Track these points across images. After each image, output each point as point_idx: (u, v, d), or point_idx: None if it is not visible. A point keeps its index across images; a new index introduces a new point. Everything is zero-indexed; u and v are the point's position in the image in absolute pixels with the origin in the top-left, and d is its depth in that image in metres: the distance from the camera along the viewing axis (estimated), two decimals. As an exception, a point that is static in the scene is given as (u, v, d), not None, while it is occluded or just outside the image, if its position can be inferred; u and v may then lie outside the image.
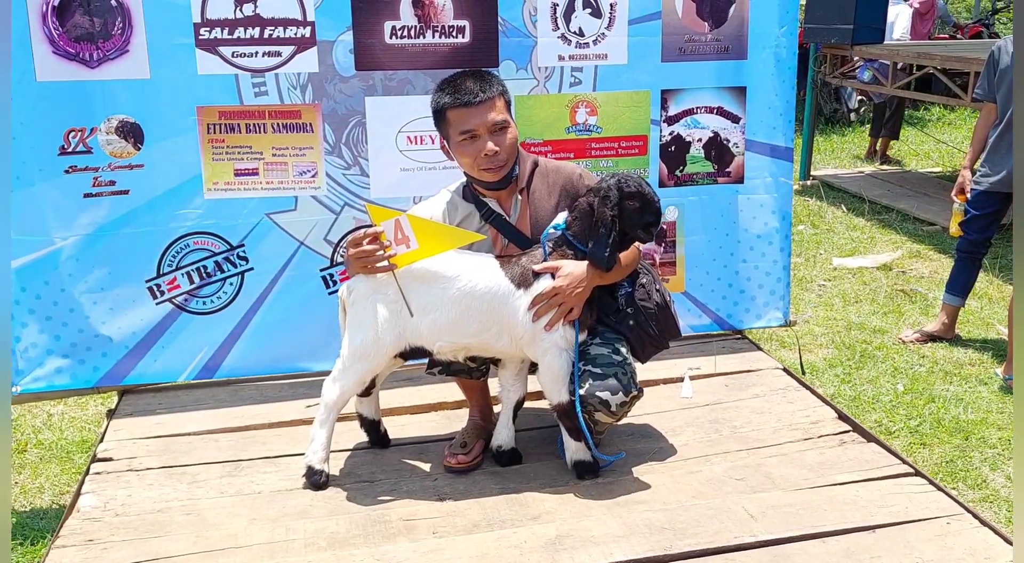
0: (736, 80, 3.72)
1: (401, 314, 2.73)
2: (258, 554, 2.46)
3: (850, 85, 9.42)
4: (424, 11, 3.34)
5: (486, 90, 2.70)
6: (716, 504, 2.65)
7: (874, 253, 6.42)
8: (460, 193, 2.88)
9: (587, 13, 3.51)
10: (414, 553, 2.45)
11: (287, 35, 3.28)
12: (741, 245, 3.85)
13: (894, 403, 4.06)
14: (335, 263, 3.49)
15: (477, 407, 3.08)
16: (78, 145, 3.18)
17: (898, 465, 2.84)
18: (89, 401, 4.24)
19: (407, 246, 2.68)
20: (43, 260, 3.20)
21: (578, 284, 2.68)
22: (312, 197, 3.42)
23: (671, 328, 2.95)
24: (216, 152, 3.32)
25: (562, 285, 2.67)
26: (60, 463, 3.68)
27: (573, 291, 2.67)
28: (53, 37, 3.07)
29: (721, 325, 3.91)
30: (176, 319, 3.40)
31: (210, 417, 3.28)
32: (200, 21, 3.19)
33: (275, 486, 2.84)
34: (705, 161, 3.78)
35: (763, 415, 3.25)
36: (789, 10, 3.68)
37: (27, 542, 3.12)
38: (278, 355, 3.49)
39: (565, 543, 2.47)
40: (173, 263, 3.36)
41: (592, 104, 3.62)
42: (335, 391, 2.82)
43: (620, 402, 2.70)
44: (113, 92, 3.17)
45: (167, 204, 3.31)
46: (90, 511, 2.69)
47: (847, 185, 8.37)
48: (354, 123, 3.41)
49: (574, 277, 2.68)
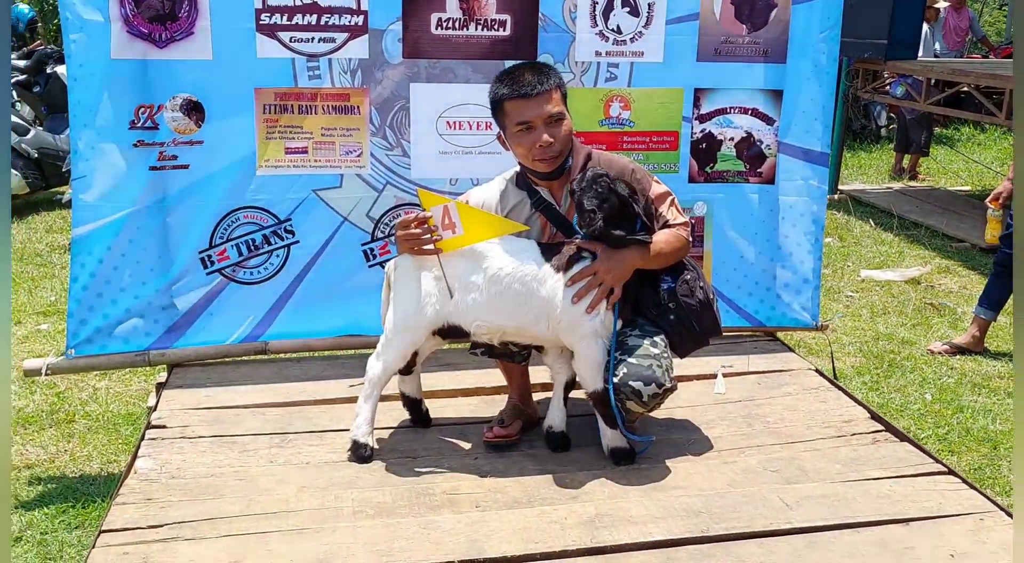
0: (773, 83, 3.79)
1: (443, 291, 2.83)
2: (309, 519, 2.55)
3: (882, 100, 9.46)
4: (469, 4, 3.48)
5: (543, 82, 2.78)
6: (751, 492, 2.72)
7: (902, 267, 6.47)
8: (514, 181, 2.96)
9: (626, 12, 3.61)
10: (458, 524, 2.53)
11: (342, 23, 3.42)
12: (770, 245, 3.90)
13: (922, 412, 4.12)
14: (375, 238, 3.62)
15: (517, 390, 3.14)
16: (146, 121, 3.31)
17: (931, 464, 2.89)
18: (132, 376, 4.36)
19: (453, 231, 2.80)
20: (108, 227, 3.32)
21: (617, 264, 2.75)
22: (357, 175, 3.57)
23: (712, 325, 2.98)
24: (269, 131, 3.45)
25: (600, 265, 2.75)
26: (107, 433, 3.80)
27: (611, 270, 2.74)
28: (128, 17, 3.20)
29: (750, 322, 3.97)
30: (224, 288, 3.53)
31: (257, 392, 3.38)
32: (261, 7, 3.33)
33: (322, 458, 2.93)
34: (736, 160, 3.85)
35: (795, 412, 3.31)
36: (831, 16, 3.74)
37: (78, 505, 3.24)
38: (320, 323, 3.62)
39: (604, 521, 2.55)
40: (224, 235, 3.49)
41: (626, 99, 3.72)
42: (379, 366, 2.92)
43: (652, 393, 2.75)
44: (179, 71, 3.30)
45: (223, 179, 3.45)
46: (147, 473, 2.79)
47: (875, 200, 8.41)
48: (398, 107, 3.55)
49: (614, 258, 2.75)
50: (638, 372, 2.74)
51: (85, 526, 3.11)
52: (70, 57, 3.21)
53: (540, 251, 2.83)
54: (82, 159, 3.27)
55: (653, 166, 3.75)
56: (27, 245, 6.68)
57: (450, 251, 2.82)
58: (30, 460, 3.58)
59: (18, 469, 3.50)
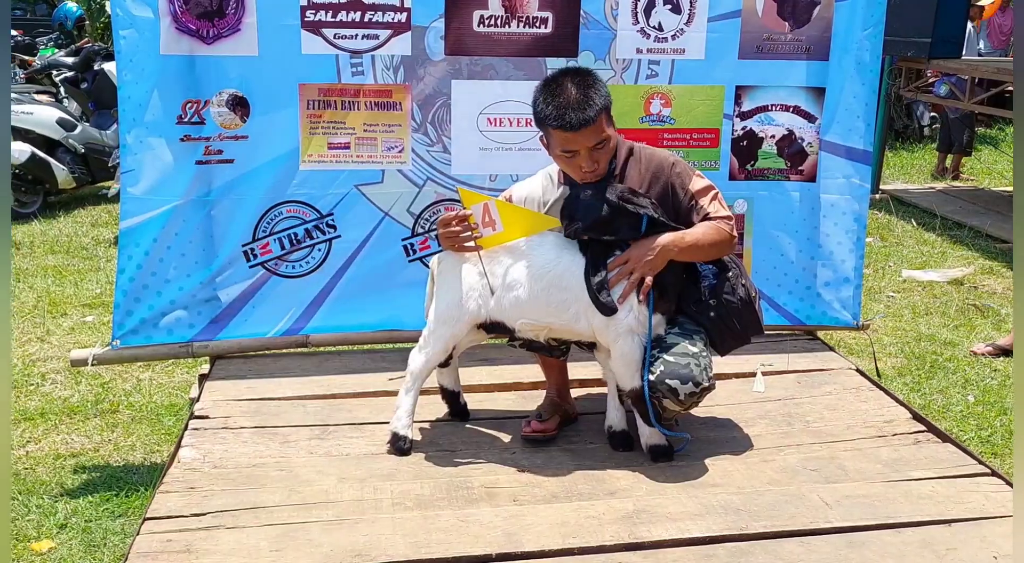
0: (815, 80, 3.76)
1: (486, 287, 2.86)
2: (349, 509, 2.58)
3: (926, 99, 9.35)
4: (511, 2, 3.49)
5: (588, 109, 2.69)
6: (791, 491, 2.70)
7: (945, 267, 6.39)
8: (556, 176, 2.96)
9: (667, 9, 3.60)
10: (496, 517, 2.54)
11: (385, 20, 3.44)
12: (811, 243, 3.87)
13: (965, 413, 4.07)
14: (415, 233, 3.64)
15: (555, 385, 3.15)
16: (193, 116, 3.35)
17: (974, 465, 2.86)
18: (175, 368, 4.42)
19: (493, 229, 2.84)
20: (154, 220, 3.37)
21: (648, 252, 2.74)
22: (398, 171, 3.59)
23: (753, 324, 2.96)
24: (313, 126, 3.48)
25: (632, 253, 2.75)
26: (150, 424, 3.86)
27: (643, 258, 2.74)
28: (177, 13, 3.25)
29: (790, 320, 3.94)
30: (267, 281, 3.57)
31: (297, 384, 3.42)
32: (306, 4, 3.35)
33: (362, 450, 2.96)
34: (777, 158, 3.83)
35: (836, 412, 3.29)
36: (875, 13, 3.70)
37: (122, 493, 3.29)
38: (360, 317, 3.65)
39: (642, 517, 2.55)
40: (267, 229, 3.53)
41: (667, 96, 3.71)
42: (420, 359, 2.96)
43: (689, 392, 2.74)
44: (225, 67, 3.35)
45: (267, 174, 3.49)
46: (190, 462, 2.84)
47: (917, 200, 8.31)
48: (440, 104, 3.57)
49: (644, 246, 2.75)
50: (675, 370, 2.73)
51: (128, 514, 3.16)
52: (120, 53, 3.26)
53: (580, 247, 2.83)
54: (131, 153, 3.33)
55: (694, 163, 3.68)
56: (73, 239, 6.80)
57: (491, 247, 2.84)
58: (75, 449, 3.65)
59: (63, 458, 3.57)
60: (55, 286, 5.66)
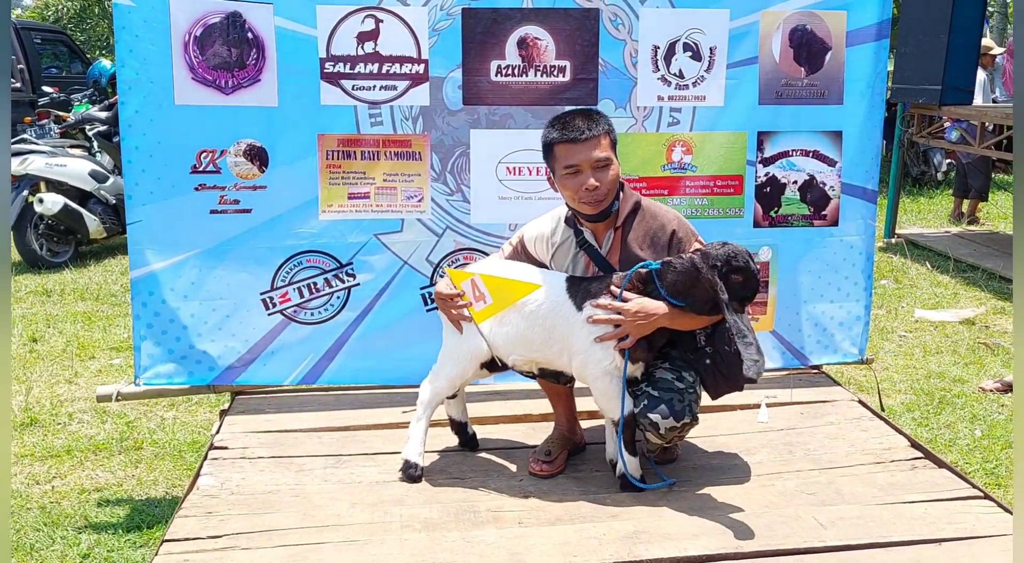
0: (832, 124, 3.81)
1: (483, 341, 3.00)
2: (359, 531, 2.70)
3: (937, 145, 9.45)
4: (528, 51, 3.59)
5: (592, 128, 2.89)
6: (787, 513, 2.79)
7: (957, 308, 6.44)
8: (564, 219, 3.08)
9: (687, 56, 3.66)
10: (501, 538, 2.65)
11: (403, 71, 3.55)
12: (829, 285, 3.91)
13: (971, 447, 4.11)
14: (434, 282, 3.72)
15: (564, 416, 3.25)
16: (208, 165, 3.47)
17: (967, 488, 2.93)
18: (198, 407, 4.56)
19: (484, 302, 3.00)
20: (170, 269, 3.49)
21: (645, 316, 2.80)
22: (417, 220, 3.67)
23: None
24: (332, 177, 3.58)
25: (629, 308, 2.81)
26: (172, 460, 3.99)
27: (636, 319, 2.80)
28: (193, 64, 3.39)
29: (801, 362, 3.97)
30: (285, 328, 3.65)
31: (314, 418, 3.55)
32: (325, 56, 3.49)
33: (374, 478, 3.07)
34: (800, 203, 3.85)
35: (836, 440, 3.36)
36: (881, 58, 3.80)
37: (144, 525, 3.41)
38: (377, 365, 3.71)
39: (641, 537, 2.64)
40: (286, 278, 3.62)
41: (688, 143, 3.74)
42: (428, 391, 3.11)
43: (670, 426, 2.83)
44: (243, 117, 3.46)
45: (285, 223, 3.58)
46: (208, 489, 2.96)
47: (932, 244, 8.37)
48: (459, 153, 3.66)
49: (644, 308, 2.81)
50: (658, 405, 2.83)
51: (149, 544, 3.27)
52: (123, 105, 3.35)
53: (567, 286, 2.94)
54: (139, 204, 3.42)
55: (718, 211, 3.79)
56: (103, 286, 7.00)
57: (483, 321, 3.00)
58: (99, 484, 3.78)
59: (88, 492, 3.69)
60: (84, 331, 5.84)
